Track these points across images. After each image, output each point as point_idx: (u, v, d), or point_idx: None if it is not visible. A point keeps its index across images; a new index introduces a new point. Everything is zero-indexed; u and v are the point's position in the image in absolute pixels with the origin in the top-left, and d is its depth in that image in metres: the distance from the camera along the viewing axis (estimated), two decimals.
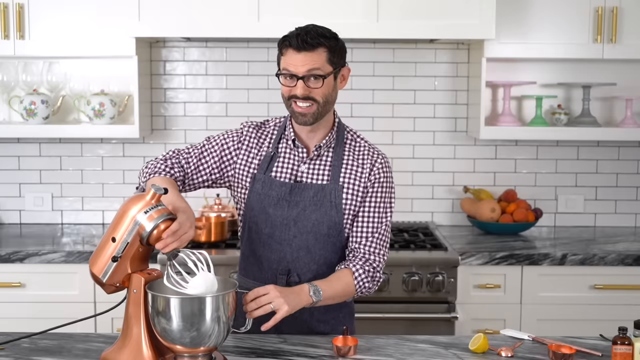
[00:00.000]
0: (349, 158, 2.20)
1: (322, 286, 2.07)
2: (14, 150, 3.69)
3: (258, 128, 2.26)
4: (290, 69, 2.08)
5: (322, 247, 2.17)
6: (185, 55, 3.68)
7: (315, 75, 2.07)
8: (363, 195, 2.18)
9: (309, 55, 2.06)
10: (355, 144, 2.23)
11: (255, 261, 2.21)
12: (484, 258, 3.15)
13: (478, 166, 3.73)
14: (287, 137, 2.21)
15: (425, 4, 3.22)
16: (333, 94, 2.14)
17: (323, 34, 2.09)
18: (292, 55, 2.07)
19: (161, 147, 3.69)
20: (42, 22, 3.33)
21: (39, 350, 2.00)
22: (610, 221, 3.76)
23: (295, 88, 2.08)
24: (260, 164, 2.20)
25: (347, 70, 2.18)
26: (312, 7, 3.19)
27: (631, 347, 1.87)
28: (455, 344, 2.07)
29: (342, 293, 2.12)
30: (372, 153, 2.21)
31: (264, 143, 2.23)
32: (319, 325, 2.21)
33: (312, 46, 2.06)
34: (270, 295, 1.97)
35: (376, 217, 2.18)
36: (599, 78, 3.64)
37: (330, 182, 2.17)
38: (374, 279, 2.15)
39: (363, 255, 2.16)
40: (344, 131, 2.24)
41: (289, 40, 2.08)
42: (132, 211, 1.85)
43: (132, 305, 1.87)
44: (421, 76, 3.69)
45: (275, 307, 1.96)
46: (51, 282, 3.15)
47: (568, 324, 3.16)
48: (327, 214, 2.15)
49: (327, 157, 2.20)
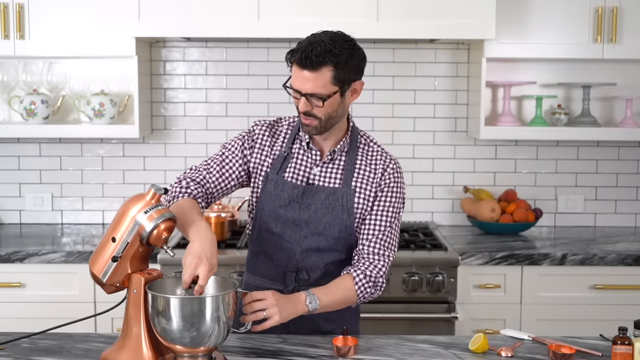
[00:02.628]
0: (362, 162, 2.19)
1: (319, 294, 2.06)
2: (14, 150, 3.69)
3: (271, 127, 2.24)
4: (295, 84, 2.05)
5: (333, 248, 2.18)
6: (185, 55, 3.68)
7: (316, 97, 2.02)
8: (374, 199, 2.17)
9: (312, 74, 2.00)
10: (368, 148, 2.22)
11: (265, 259, 2.21)
12: (484, 258, 3.15)
13: (478, 166, 3.73)
14: (301, 138, 2.20)
15: (425, 4, 3.22)
16: (339, 109, 2.09)
17: (331, 50, 1.99)
18: (296, 71, 2.03)
19: (161, 147, 3.69)
20: (42, 22, 3.33)
21: (39, 350, 2.00)
22: (610, 221, 3.76)
23: (299, 102, 2.07)
24: (274, 164, 2.20)
25: (360, 84, 2.10)
26: (312, 7, 3.19)
27: (631, 347, 1.87)
28: (455, 344, 2.08)
29: (342, 300, 2.11)
30: (384, 158, 2.20)
31: (277, 142, 2.22)
32: (326, 324, 2.22)
33: (316, 64, 1.99)
34: (266, 302, 1.98)
35: (383, 221, 2.16)
36: (599, 78, 3.64)
37: (343, 186, 2.16)
38: (376, 284, 2.14)
39: (367, 259, 2.15)
40: (357, 136, 2.22)
41: (295, 55, 2.02)
42: (132, 211, 1.85)
43: (132, 305, 1.87)
44: (421, 76, 3.69)
45: (267, 315, 1.97)
46: (51, 282, 3.15)
47: (568, 324, 3.16)
48: (339, 217, 2.15)
49: (340, 160, 2.19)
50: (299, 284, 2.17)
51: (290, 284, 2.18)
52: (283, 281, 2.19)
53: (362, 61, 2.09)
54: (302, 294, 2.06)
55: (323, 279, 2.17)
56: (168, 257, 3.01)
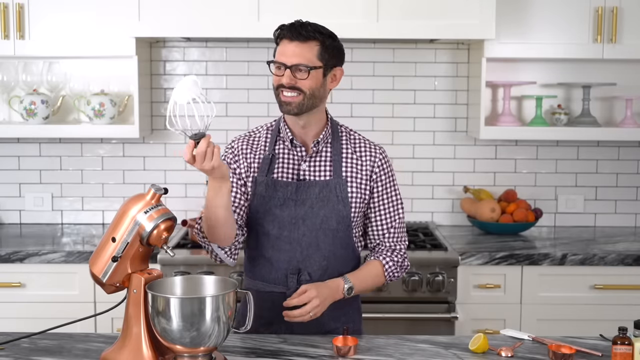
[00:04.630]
0: (348, 152, 2.23)
1: (354, 282, 2.18)
2: (14, 150, 3.69)
3: (248, 137, 2.27)
4: (280, 58, 2.11)
5: (331, 243, 2.19)
6: (185, 55, 3.68)
7: (302, 66, 2.09)
8: (368, 187, 2.22)
9: (300, 46, 2.09)
10: (351, 138, 2.27)
11: (265, 263, 2.21)
12: (484, 258, 3.15)
13: (478, 166, 3.73)
14: (283, 138, 2.22)
15: (425, 4, 3.22)
16: (321, 89, 2.14)
17: (319, 29, 2.13)
18: (284, 45, 2.11)
19: (161, 147, 3.69)
20: (42, 22, 3.33)
21: (39, 350, 2.00)
22: (610, 221, 3.76)
23: (282, 77, 2.11)
24: (260, 167, 2.21)
25: (340, 71, 2.20)
26: (312, 7, 3.19)
27: (631, 347, 1.87)
28: (455, 344, 2.08)
29: (372, 286, 2.26)
30: (370, 146, 2.26)
31: (259, 147, 2.24)
32: (330, 322, 2.22)
33: (305, 38, 2.10)
34: (313, 303, 2.08)
35: (392, 209, 2.26)
36: (599, 78, 3.64)
37: (334, 177, 2.19)
38: (402, 267, 2.28)
39: (389, 247, 2.26)
40: (337, 126, 2.27)
41: (284, 30, 2.12)
42: (132, 211, 1.85)
43: (132, 305, 1.87)
44: (421, 76, 3.69)
45: (313, 316, 2.10)
46: (51, 282, 3.15)
47: (568, 324, 3.16)
48: (335, 209, 2.18)
49: (326, 153, 2.22)
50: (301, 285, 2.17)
51: (293, 285, 2.18)
52: (285, 284, 2.19)
53: (343, 51, 2.20)
54: (341, 281, 2.17)
55: (325, 277, 2.18)
56: (168, 257, 3.01)
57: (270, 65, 2.16)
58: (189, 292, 1.91)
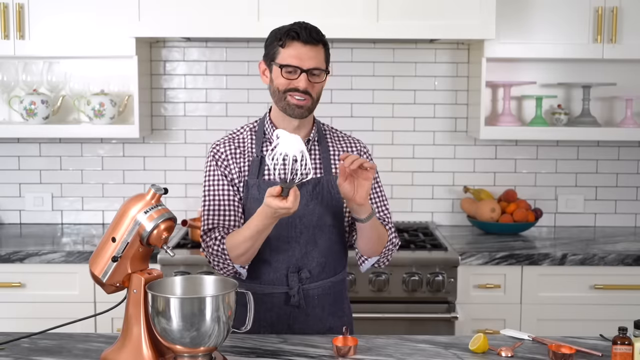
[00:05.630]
0: (334, 149, 2.26)
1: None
2: (14, 150, 3.69)
3: (231, 139, 2.24)
4: (293, 62, 2.08)
5: (328, 238, 2.20)
6: (185, 55, 3.68)
7: (317, 70, 2.09)
8: None
9: (314, 49, 2.09)
10: (334, 134, 2.30)
11: (264, 264, 2.20)
12: (484, 258, 3.15)
13: (478, 166, 3.73)
14: (270, 139, 2.19)
15: (425, 4, 3.22)
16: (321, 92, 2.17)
17: (319, 31, 2.13)
18: (296, 48, 2.08)
19: (161, 147, 3.69)
20: (42, 22, 3.33)
21: (39, 350, 2.00)
22: (610, 221, 3.76)
23: (296, 81, 2.09)
24: (250, 170, 2.20)
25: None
26: (312, 8, 3.19)
27: (631, 347, 1.87)
28: (455, 344, 2.07)
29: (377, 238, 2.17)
30: (352, 141, 2.31)
31: (245, 149, 2.22)
32: (329, 318, 2.24)
33: (317, 41, 2.10)
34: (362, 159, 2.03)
35: (379, 195, 2.28)
36: (599, 78, 3.64)
37: (325, 174, 2.21)
38: (395, 245, 2.26)
39: None
40: (320, 125, 2.29)
41: (296, 32, 2.08)
42: (132, 211, 1.85)
43: (132, 305, 1.87)
44: (421, 76, 3.69)
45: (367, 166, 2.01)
46: (51, 282, 3.15)
47: (568, 324, 3.16)
48: (329, 205, 2.19)
49: (314, 151, 2.24)
50: (302, 284, 2.18)
51: (294, 285, 2.18)
52: (286, 284, 2.19)
53: None
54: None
55: (323, 273, 2.20)
56: (168, 257, 3.01)
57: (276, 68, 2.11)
58: (189, 292, 1.91)
